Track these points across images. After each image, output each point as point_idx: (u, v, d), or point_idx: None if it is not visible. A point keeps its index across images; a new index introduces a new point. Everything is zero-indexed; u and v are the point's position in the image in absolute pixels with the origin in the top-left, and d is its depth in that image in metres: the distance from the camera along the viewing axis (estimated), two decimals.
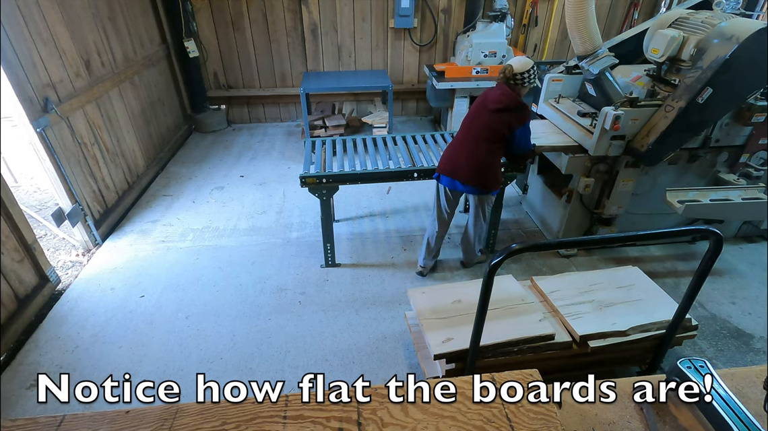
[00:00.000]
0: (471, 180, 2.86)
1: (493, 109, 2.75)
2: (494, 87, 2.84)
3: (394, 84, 5.68)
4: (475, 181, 2.86)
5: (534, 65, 2.70)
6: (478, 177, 2.85)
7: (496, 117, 2.74)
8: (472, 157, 2.83)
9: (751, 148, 3.20)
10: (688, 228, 1.74)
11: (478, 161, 2.82)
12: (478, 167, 2.83)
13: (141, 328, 2.94)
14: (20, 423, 0.93)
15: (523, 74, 2.68)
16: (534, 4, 5.76)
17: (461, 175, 2.87)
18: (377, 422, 0.93)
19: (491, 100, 2.78)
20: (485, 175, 2.85)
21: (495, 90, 2.80)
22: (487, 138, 2.78)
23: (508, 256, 1.60)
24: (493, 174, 2.88)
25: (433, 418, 0.94)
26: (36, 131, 3.10)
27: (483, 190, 2.91)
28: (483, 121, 2.80)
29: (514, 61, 2.70)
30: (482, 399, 0.98)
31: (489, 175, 2.87)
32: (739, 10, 3.28)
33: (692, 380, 1.05)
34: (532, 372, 1.05)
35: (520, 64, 2.69)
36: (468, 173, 2.85)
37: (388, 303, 3.14)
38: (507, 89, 2.73)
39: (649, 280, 2.60)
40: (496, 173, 2.90)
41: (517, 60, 2.71)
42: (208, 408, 0.96)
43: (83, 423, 0.93)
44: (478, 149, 2.81)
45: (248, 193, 4.55)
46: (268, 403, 0.97)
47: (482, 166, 2.83)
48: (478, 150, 2.80)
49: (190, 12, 5.31)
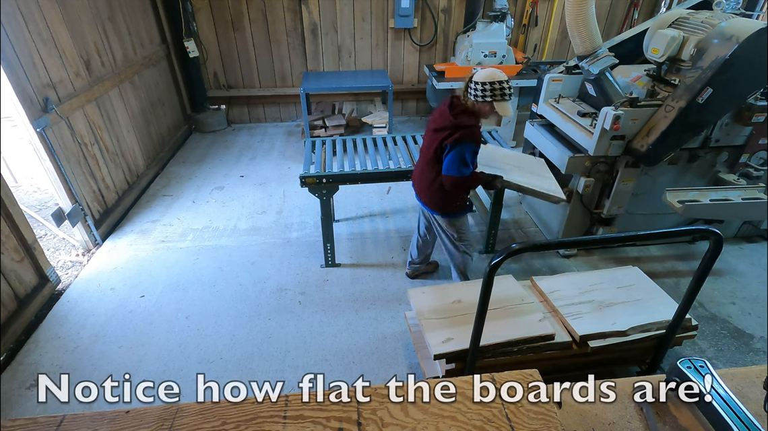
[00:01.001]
0: (424, 199, 2.72)
1: (431, 128, 2.53)
2: (443, 101, 2.58)
3: (394, 84, 5.68)
4: (427, 200, 2.70)
5: (503, 81, 2.30)
6: (428, 197, 2.68)
7: (435, 137, 2.47)
8: (423, 177, 2.66)
9: (751, 148, 3.20)
10: (688, 228, 1.74)
11: (427, 182, 2.62)
12: (428, 188, 2.64)
13: (141, 328, 2.94)
14: (20, 423, 0.93)
15: (483, 84, 2.29)
16: (534, 4, 5.76)
17: (418, 191, 2.77)
18: (377, 422, 0.93)
19: (432, 120, 2.56)
20: (434, 196, 2.64)
21: (441, 106, 2.55)
22: (430, 159, 2.53)
23: (508, 256, 1.60)
24: (441, 197, 2.61)
25: (433, 418, 0.94)
26: (36, 131, 3.10)
27: (437, 210, 2.70)
28: (427, 141, 2.60)
29: (481, 71, 2.37)
30: (482, 399, 0.98)
31: (437, 198, 2.63)
32: (739, 10, 3.28)
33: (692, 380, 1.05)
34: (532, 372, 1.05)
35: (483, 72, 2.33)
36: (421, 192, 2.73)
37: (388, 303, 3.14)
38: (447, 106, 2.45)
39: (649, 280, 2.60)
40: (447, 197, 2.61)
41: (484, 70, 2.36)
42: (208, 408, 0.96)
43: (83, 423, 0.93)
44: (425, 170, 2.61)
45: (248, 193, 4.55)
46: (268, 403, 0.97)
47: (430, 188, 2.62)
48: (425, 171, 2.61)
49: (190, 12, 5.31)
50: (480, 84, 2.30)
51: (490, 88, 2.29)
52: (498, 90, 2.30)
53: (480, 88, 2.31)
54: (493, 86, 2.29)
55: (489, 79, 2.29)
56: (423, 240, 3.15)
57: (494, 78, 2.29)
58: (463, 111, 2.40)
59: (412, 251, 3.27)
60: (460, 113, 2.40)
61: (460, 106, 2.42)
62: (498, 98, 2.32)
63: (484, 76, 2.31)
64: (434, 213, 2.73)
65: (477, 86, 2.32)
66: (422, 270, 3.37)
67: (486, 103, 2.34)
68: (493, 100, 2.32)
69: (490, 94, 2.30)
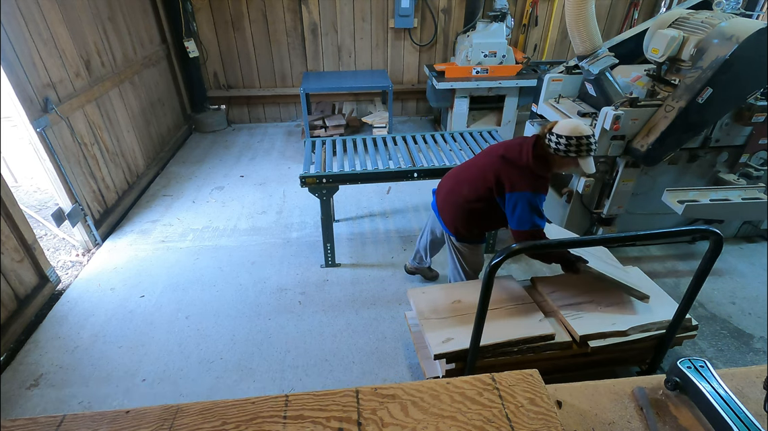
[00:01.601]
0: (444, 217, 2.56)
1: (498, 153, 2.30)
2: (526, 136, 2.36)
3: (394, 84, 5.68)
4: (448, 219, 2.53)
5: (589, 135, 2.10)
6: (451, 217, 2.51)
7: (496, 164, 2.26)
8: (454, 195, 2.48)
9: (751, 148, 3.20)
10: (688, 228, 1.74)
11: (456, 204, 2.45)
12: (455, 209, 2.47)
13: (141, 328, 2.94)
14: (20, 423, 0.93)
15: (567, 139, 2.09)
16: (534, 4, 5.76)
17: (440, 205, 2.61)
18: (377, 422, 0.93)
19: (505, 146, 2.33)
20: (457, 220, 2.48)
21: (521, 138, 2.34)
22: (473, 181, 2.36)
23: (508, 256, 1.60)
24: (463, 223, 2.47)
25: (433, 418, 0.94)
26: (36, 131, 3.10)
27: (453, 233, 2.53)
28: (481, 163, 2.39)
29: (565, 120, 2.17)
30: (482, 399, 0.98)
31: (460, 223, 2.48)
32: (739, 10, 3.28)
33: (692, 380, 1.05)
34: (532, 372, 1.05)
35: (567, 125, 2.11)
36: (443, 209, 2.57)
37: (388, 303, 3.14)
38: (531, 145, 2.22)
39: (649, 280, 2.60)
40: (468, 225, 2.47)
41: (568, 120, 2.17)
42: (208, 408, 0.96)
43: (83, 423, 0.93)
44: (463, 191, 2.43)
45: (248, 193, 4.55)
46: (268, 403, 0.97)
47: (458, 210, 2.46)
48: (464, 191, 2.42)
49: (190, 12, 5.31)
50: (564, 138, 2.10)
51: (576, 143, 2.09)
52: (585, 145, 2.10)
53: (564, 142, 2.10)
54: (579, 141, 2.09)
55: (574, 133, 2.09)
56: (432, 241, 3.02)
57: (579, 132, 2.10)
58: (543, 158, 2.20)
59: (420, 247, 3.13)
60: (540, 158, 2.20)
61: (543, 151, 2.20)
62: (583, 154, 2.12)
63: (568, 129, 2.11)
64: (451, 234, 2.56)
65: (561, 139, 2.11)
66: (422, 272, 3.35)
67: (569, 158, 2.14)
68: (577, 156, 2.12)
69: (574, 149, 2.11)
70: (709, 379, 1.05)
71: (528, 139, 2.28)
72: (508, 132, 5.40)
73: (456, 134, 3.75)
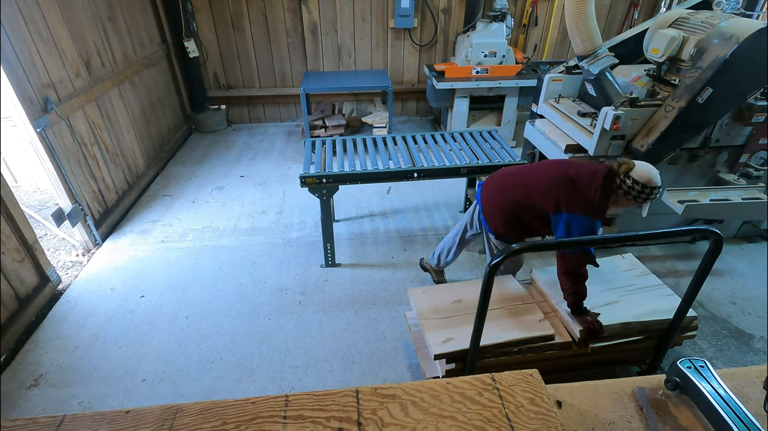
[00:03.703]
0: (486, 208, 2.52)
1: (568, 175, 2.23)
2: (599, 164, 2.27)
3: (394, 84, 5.68)
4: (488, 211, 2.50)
5: (659, 186, 2.10)
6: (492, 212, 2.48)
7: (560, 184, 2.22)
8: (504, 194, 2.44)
9: (751, 148, 3.20)
10: (688, 228, 1.74)
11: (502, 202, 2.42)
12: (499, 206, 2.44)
13: (141, 328, 2.94)
14: (20, 423, 0.93)
15: (643, 187, 2.08)
16: (534, 4, 5.76)
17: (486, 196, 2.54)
18: (377, 422, 0.93)
19: (577, 167, 2.26)
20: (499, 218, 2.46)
21: (595, 166, 2.25)
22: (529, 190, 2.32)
23: (508, 256, 1.60)
24: (506, 225, 2.44)
25: (433, 418, 0.94)
26: (36, 131, 3.10)
27: (491, 227, 2.51)
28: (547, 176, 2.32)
29: (641, 164, 2.12)
30: (482, 399, 0.98)
31: (501, 223, 2.45)
32: (739, 10, 3.28)
33: (692, 380, 1.05)
34: (532, 372, 1.05)
35: (645, 172, 2.09)
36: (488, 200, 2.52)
37: (388, 303, 3.14)
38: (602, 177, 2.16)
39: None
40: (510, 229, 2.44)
41: (645, 165, 2.12)
42: (208, 408, 0.96)
43: (83, 423, 0.93)
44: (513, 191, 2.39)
45: (248, 193, 4.55)
46: (268, 403, 0.97)
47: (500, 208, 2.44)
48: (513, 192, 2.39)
49: (190, 12, 5.31)
50: (641, 185, 2.10)
51: (649, 192, 2.11)
52: (654, 194, 2.13)
53: (639, 188, 2.11)
54: (653, 191, 2.11)
55: (651, 183, 2.09)
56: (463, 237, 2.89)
57: (655, 183, 2.10)
58: (609, 194, 2.18)
59: (444, 246, 3.02)
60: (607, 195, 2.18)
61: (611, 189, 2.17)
62: (648, 200, 2.15)
63: (646, 177, 2.09)
64: (490, 231, 2.54)
65: (637, 186, 2.10)
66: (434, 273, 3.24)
67: (635, 202, 2.16)
68: (643, 201, 2.15)
69: (645, 197, 2.13)
70: (709, 379, 1.05)
71: (600, 170, 2.21)
72: (509, 132, 5.40)
73: (456, 134, 3.75)
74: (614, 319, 2.24)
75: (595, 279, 2.50)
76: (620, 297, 2.40)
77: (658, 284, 2.48)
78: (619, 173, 2.14)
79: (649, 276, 2.54)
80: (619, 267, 2.62)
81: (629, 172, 2.11)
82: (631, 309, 2.30)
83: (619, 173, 2.14)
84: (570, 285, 2.21)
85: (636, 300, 2.37)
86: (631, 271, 2.59)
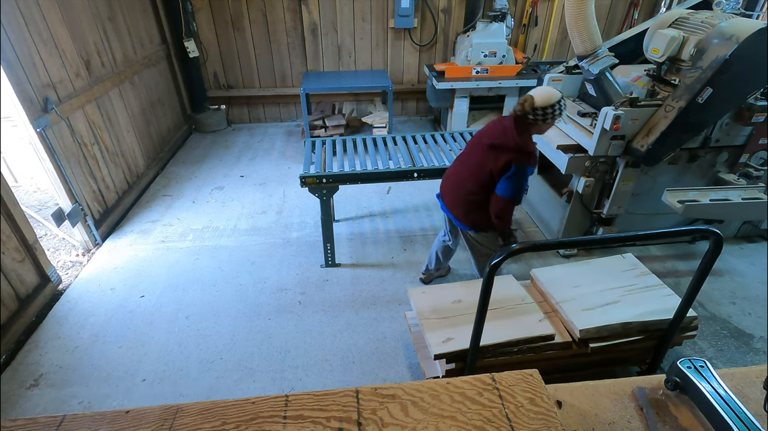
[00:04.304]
0: (458, 214, 2.63)
1: (486, 143, 2.42)
2: (501, 118, 2.49)
3: (394, 84, 5.68)
4: (462, 215, 2.62)
5: (561, 98, 2.29)
6: (464, 213, 2.60)
7: (492, 154, 2.37)
8: (460, 191, 2.58)
9: (751, 148, 3.20)
10: (688, 228, 1.74)
11: (465, 198, 2.55)
12: (465, 204, 2.57)
13: (141, 328, 2.94)
14: (20, 423, 0.93)
15: (545, 109, 2.26)
16: (534, 4, 5.76)
17: (450, 205, 2.68)
18: (377, 422, 0.93)
19: (488, 134, 2.46)
20: (472, 213, 2.57)
21: (499, 122, 2.46)
22: (481, 177, 2.44)
23: (508, 256, 1.60)
24: (477, 214, 2.55)
25: (433, 418, 0.94)
26: (36, 131, 3.10)
27: (472, 227, 2.62)
28: (475, 158, 2.49)
29: (538, 93, 2.29)
30: (482, 399, 0.98)
31: (474, 216, 2.57)
32: (739, 10, 3.28)
33: (692, 380, 1.05)
34: (532, 372, 1.05)
35: (543, 96, 2.27)
36: (455, 207, 2.64)
37: (388, 303, 3.14)
38: (512, 125, 2.34)
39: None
40: (481, 215, 2.54)
41: (540, 91, 2.30)
42: (208, 408, 0.96)
43: (83, 423, 0.93)
44: (467, 186, 2.52)
45: (248, 193, 4.55)
46: (268, 403, 0.97)
47: (469, 205, 2.55)
48: (468, 186, 2.53)
49: (190, 12, 5.31)
50: (549, 107, 2.27)
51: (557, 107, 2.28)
52: (561, 104, 2.29)
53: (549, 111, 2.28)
54: (558, 103, 2.28)
55: (552, 100, 2.26)
56: (444, 249, 3.07)
57: (556, 97, 2.27)
58: (527, 132, 2.35)
59: (431, 261, 3.18)
60: (524, 134, 2.33)
61: (523, 128, 2.34)
62: (558, 116, 2.32)
63: (546, 98, 2.26)
64: (468, 229, 2.64)
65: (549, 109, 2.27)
66: (436, 275, 3.34)
67: (546, 123, 2.34)
68: (556, 117, 2.32)
69: (556, 113, 2.29)
70: (709, 379, 1.05)
71: (505, 120, 2.42)
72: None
73: (456, 134, 3.75)
74: (614, 319, 2.24)
75: (595, 279, 2.52)
76: (620, 297, 2.39)
77: (658, 284, 2.48)
78: (527, 111, 2.30)
79: (649, 276, 2.54)
80: (619, 267, 2.62)
81: (534, 105, 2.28)
82: (631, 309, 2.30)
83: (526, 112, 2.31)
84: (499, 223, 2.48)
85: (636, 300, 2.37)
86: (631, 271, 2.59)
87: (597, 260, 2.69)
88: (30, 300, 3.01)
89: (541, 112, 2.28)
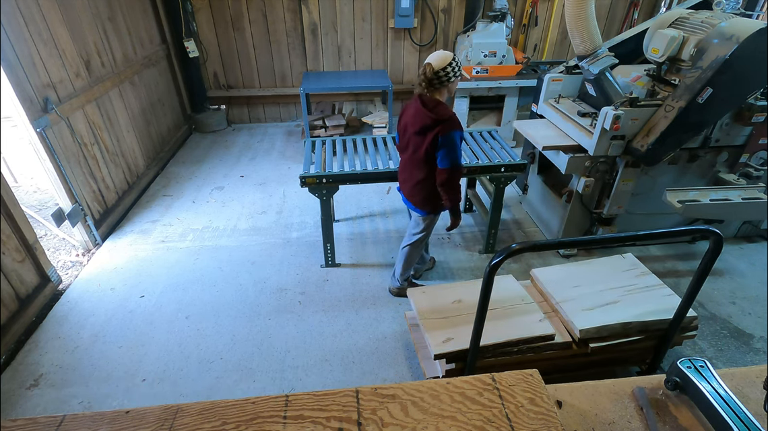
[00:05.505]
0: (414, 200, 2.76)
1: (411, 132, 2.54)
2: (409, 104, 2.60)
3: (394, 84, 5.68)
4: (418, 200, 2.74)
5: (454, 56, 2.41)
6: (419, 198, 2.72)
7: (421, 138, 2.49)
8: (412, 179, 2.69)
9: (751, 148, 3.20)
10: (688, 228, 1.74)
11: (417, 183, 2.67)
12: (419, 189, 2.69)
13: (141, 328, 2.94)
14: (20, 423, 0.93)
15: (445, 69, 2.38)
16: (534, 4, 5.76)
17: (408, 194, 2.80)
18: (377, 422, 0.93)
19: (410, 123, 2.55)
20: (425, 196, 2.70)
21: (411, 108, 2.56)
22: (420, 160, 2.56)
23: (508, 256, 1.60)
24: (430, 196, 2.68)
25: (433, 418, 0.94)
26: (36, 131, 3.10)
27: (423, 209, 2.77)
28: (411, 147, 2.60)
29: (433, 58, 2.40)
30: (482, 399, 0.98)
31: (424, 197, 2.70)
32: (739, 10, 3.28)
33: (692, 380, 1.05)
34: (532, 372, 1.05)
35: (440, 58, 2.38)
36: (412, 195, 2.76)
37: (388, 303, 3.14)
38: (420, 104, 2.46)
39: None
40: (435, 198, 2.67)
41: (435, 56, 2.41)
42: (208, 408, 0.96)
43: (83, 423, 0.93)
44: (414, 172, 2.65)
45: (248, 193, 4.55)
46: (268, 403, 0.97)
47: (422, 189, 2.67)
48: (414, 173, 2.65)
49: (190, 12, 5.31)
50: (449, 66, 2.38)
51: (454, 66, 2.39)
52: (457, 62, 2.41)
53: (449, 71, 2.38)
54: (453, 61, 2.38)
55: (447, 60, 2.37)
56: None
57: (449, 57, 2.38)
58: (437, 103, 2.44)
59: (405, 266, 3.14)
60: (435, 106, 2.43)
61: (432, 101, 2.45)
62: (459, 72, 2.43)
63: (441, 60, 2.37)
64: (420, 212, 2.78)
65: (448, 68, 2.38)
66: (423, 269, 3.38)
67: (452, 83, 2.44)
68: (455, 77, 2.43)
69: (456, 72, 2.41)
70: (709, 379, 1.05)
71: (413, 104, 2.53)
72: (508, 132, 5.40)
73: None
74: (614, 319, 2.24)
75: (595, 279, 2.52)
76: (620, 297, 2.39)
77: (658, 284, 2.48)
78: (431, 78, 2.39)
79: (649, 276, 2.54)
80: (619, 267, 2.62)
81: (435, 70, 2.37)
82: (631, 309, 2.30)
83: (431, 78, 2.39)
84: (446, 193, 2.55)
85: (636, 300, 2.37)
86: (631, 271, 2.59)
87: (597, 260, 2.69)
88: (30, 300, 3.01)
89: (443, 73, 2.38)
